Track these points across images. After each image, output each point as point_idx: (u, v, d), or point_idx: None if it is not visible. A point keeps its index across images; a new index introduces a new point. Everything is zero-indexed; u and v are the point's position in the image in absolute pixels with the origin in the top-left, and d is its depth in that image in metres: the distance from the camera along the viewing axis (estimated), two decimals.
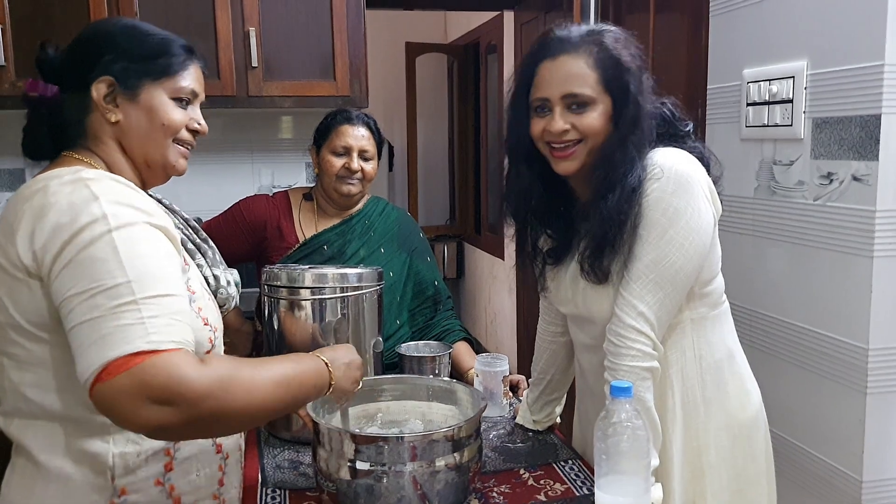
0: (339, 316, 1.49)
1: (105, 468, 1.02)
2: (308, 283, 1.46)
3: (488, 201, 5.11)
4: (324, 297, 1.46)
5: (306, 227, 1.90)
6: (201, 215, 1.96)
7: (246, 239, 1.92)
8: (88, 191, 0.95)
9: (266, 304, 1.51)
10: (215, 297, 1.20)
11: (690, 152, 1.27)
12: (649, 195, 1.21)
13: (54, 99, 1.09)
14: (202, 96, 1.17)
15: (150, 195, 1.26)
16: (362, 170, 1.85)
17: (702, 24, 2.07)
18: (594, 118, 1.23)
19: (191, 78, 1.13)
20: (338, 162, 1.84)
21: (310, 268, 1.53)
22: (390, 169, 5.49)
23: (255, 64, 2.57)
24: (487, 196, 5.15)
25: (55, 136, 1.10)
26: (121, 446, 1.03)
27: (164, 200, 1.26)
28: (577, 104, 1.23)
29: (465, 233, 5.53)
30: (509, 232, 1.42)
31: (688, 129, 1.31)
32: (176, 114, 1.11)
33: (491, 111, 4.92)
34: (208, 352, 1.08)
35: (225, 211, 1.97)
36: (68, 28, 2.46)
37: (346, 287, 1.49)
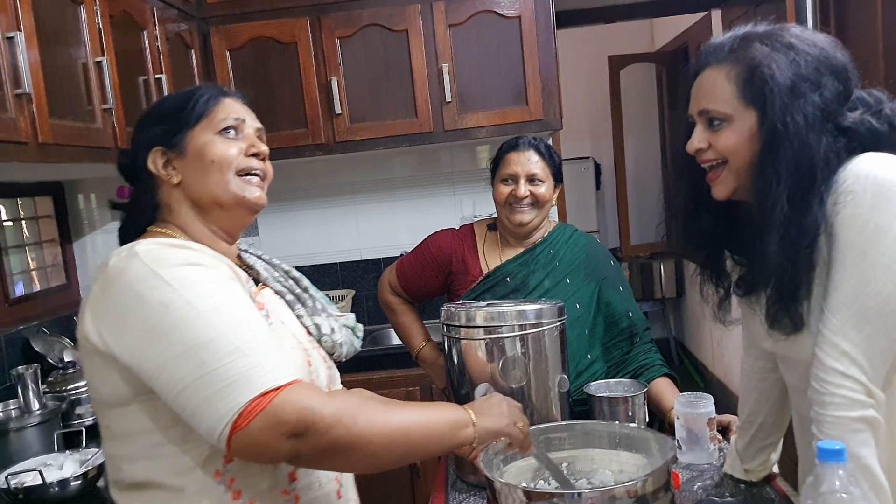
0: (519, 354, 1.43)
1: None
2: (481, 321, 1.42)
3: None
4: (501, 335, 1.42)
5: (490, 258, 1.87)
6: (409, 249, 2.03)
7: (436, 274, 1.93)
8: (142, 264, 0.98)
9: (445, 342, 1.50)
10: (321, 344, 1.20)
11: None
12: (841, 212, 1.01)
13: (132, 195, 1.16)
14: (251, 120, 1.16)
15: (252, 253, 1.27)
16: (533, 194, 1.78)
17: None
18: (728, 136, 1.10)
19: (227, 109, 1.13)
20: (505, 190, 1.81)
21: (487, 304, 1.49)
22: (598, 187, 5.33)
23: (449, 99, 2.64)
24: None
25: (139, 221, 1.14)
26: None
27: (263, 256, 1.27)
28: (713, 121, 1.12)
29: None
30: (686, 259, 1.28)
31: None
32: (224, 147, 1.11)
33: None
34: None
35: (414, 248, 2.00)
36: (282, 84, 2.73)
37: (525, 324, 1.43)
